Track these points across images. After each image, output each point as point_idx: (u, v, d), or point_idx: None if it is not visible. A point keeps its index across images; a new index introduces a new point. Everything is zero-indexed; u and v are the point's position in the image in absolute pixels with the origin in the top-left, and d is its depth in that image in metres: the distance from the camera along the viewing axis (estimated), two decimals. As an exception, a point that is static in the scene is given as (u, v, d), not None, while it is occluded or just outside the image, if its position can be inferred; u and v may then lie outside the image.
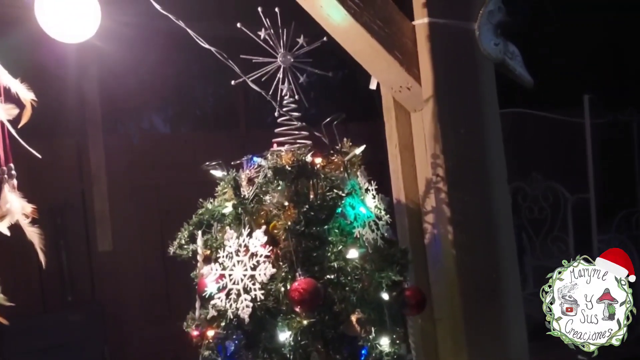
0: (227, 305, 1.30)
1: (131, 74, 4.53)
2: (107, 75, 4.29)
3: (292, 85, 1.47)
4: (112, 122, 4.73)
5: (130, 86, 4.63)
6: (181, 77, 4.87)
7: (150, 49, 4.27)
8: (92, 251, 4.24)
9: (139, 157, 4.50)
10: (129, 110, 4.99)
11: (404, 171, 1.85)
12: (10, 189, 1.13)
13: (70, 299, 4.04)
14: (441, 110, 1.69)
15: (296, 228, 1.32)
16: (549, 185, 5.16)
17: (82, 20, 1.23)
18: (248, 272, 1.29)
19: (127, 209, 4.39)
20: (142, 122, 5.30)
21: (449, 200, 1.69)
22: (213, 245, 1.43)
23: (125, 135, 4.85)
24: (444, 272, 1.74)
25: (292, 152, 1.39)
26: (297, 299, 1.24)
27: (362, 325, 1.29)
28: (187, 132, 5.32)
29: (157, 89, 4.86)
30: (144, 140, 4.71)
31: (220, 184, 1.50)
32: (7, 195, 1.13)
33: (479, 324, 1.72)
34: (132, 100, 4.79)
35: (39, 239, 1.18)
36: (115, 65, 4.32)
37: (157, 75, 4.66)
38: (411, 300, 1.47)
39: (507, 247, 1.76)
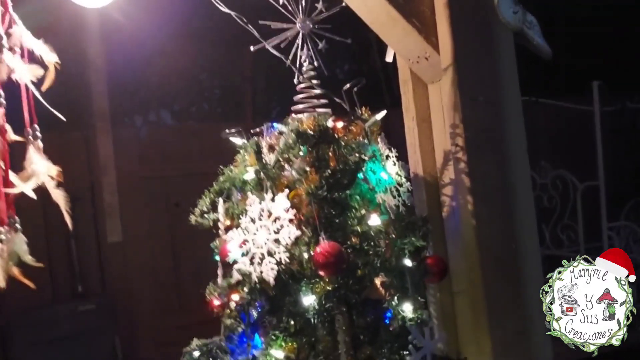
0: (251, 269, 1.29)
1: (139, 66, 4.54)
2: (115, 68, 4.29)
3: (311, 52, 1.46)
4: (120, 115, 4.75)
5: (137, 79, 4.64)
6: (188, 70, 4.87)
7: (158, 42, 4.27)
8: (102, 242, 4.25)
9: (147, 149, 4.52)
10: (137, 103, 5.01)
11: (421, 144, 1.84)
12: (36, 150, 1.12)
13: (80, 289, 4.05)
14: (460, 79, 1.68)
15: (318, 193, 1.31)
16: (558, 174, 5.14)
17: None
18: (272, 236, 1.28)
19: (136, 200, 4.40)
20: (150, 114, 5.31)
21: (469, 170, 1.67)
22: (234, 212, 1.42)
23: (133, 128, 4.86)
24: (463, 244, 1.73)
25: (313, 118, 1.38)
26: (321, 262, 1.23)
27: (386, 288, 1.28)
28: (194, 124, 5.33)
29: (165, 81, 4.87)
30: (151, 133, 4.72)
31: (240, 152, 1.49)
32: (33, 156, 1.12)
33: (499, 296, 1.70)
34: (140, 93, 4.80)
35: (64, 202, 1.17)
36: (122, 58, 4.32)
37: (164, 68, 4.67)
38: (433, 268, 1.46)
39: (526, 217, 1.75)
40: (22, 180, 1.14)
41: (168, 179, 4.58)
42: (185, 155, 4.61)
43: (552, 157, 5.21)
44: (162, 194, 4.55)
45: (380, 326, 1.31)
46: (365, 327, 1.29)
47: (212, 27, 4.25)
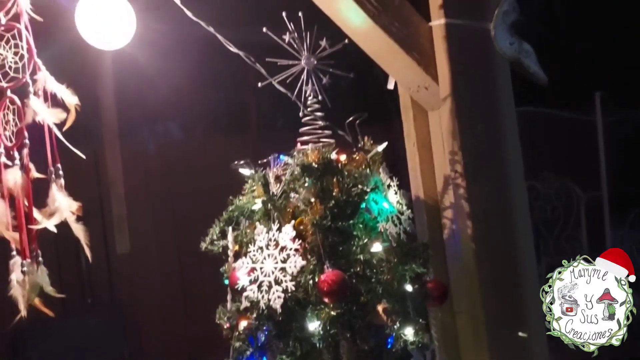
0: (259, 296, 1.36)
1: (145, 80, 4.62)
2: (122, 82, 4.38)
3: (316, 87, 1.53)
4: (128, 129, 4.82)
5: (144, 93, 4.72)
6: (194, 84, 4.95)
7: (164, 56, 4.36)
8: (110, 254, 4.32)
9: (154, 163, 4.60)
10: (145, 117, 5.09)
11: (422, 169, 1.90)
12: (58, 188, 1.20)
13: (89, 301, 4.13)
14: (459, 108, 1.74)
15: (323, 223, 1.38)
16: (562, 184, 5.17)
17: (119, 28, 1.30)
18: (279, 265, 1.35)
19: (143, 212, 4.47)
20: (157, 128, 5.38)
21: (468, 195, 1.74)
22: (243, 240, 1.49)
23: (141, 141, 4.93)
24: (463, 266, 1.79)
25: (317, 150, 1.45)
26: (326, 290, 1.30)
27: (388, 314, 1.34)
28: (201, 137, 5.41)
29: (171, 95, 4.95)
30: (159, 146, 4.80)
31: (248, 182, 1.56)
32: (55, 194, 1.20)
33: (499, 317, 1.76)
34: (147, 106, 4.89)
35: (84, 235, 1.25)
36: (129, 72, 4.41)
37: (170, 81, 4.75)
38: (434, 292, 1.53)
39: (524, 241, 1.81)
40: (44, 216, 1.21)
41: (175, 191, 4.66)
42: (191, 169, 4.68)
43: (555, 167, 5.26)
44: (169, 204, 4.63)
45: (383, 351, 1.37)
46: (369, 352, 1.36)
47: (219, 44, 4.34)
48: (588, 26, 5.60)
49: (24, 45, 1.18)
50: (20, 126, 1.18)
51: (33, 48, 1.19)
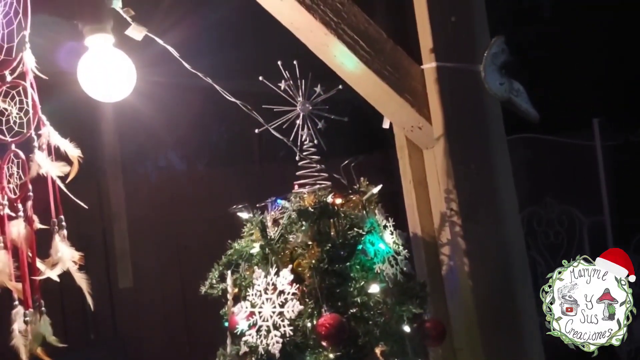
0: (257, 341, 1.38)
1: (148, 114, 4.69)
2: (124, 115, 4.45)
3: (311, 131, 1.57)
4: (131, 161, 4.88)
5: (147, 126, 4.79)
6: (196, 115, 5.03)
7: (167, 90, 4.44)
8: (113, 288, 4.33)
9: (157, 195, 4.63)
10: (147, 149, 5.15)
11: (419, 206, 1.94)
12: (61, 239, 1.23)
13: (92, 336, 4.12)
14: (452, 148, 1.78)
15: (320, 266, 1.40)
16: (564, 209, 5.18)
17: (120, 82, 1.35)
18: (277, 309, 1.37)
19: (146, 245, 4.49)
20: (159, 160, 5.45)
21: (464, 233, 1.76)
22: (242, 284, 1.51)
23: (144, 174, 4.99)
24: (461, 303, 1.80)
25: (314, 194, 1.48)
26: (323, 333, 1.31)
27: (386, 357, 1.35)
28: (203, 169, 5.46)
29: (173, 127, 5.02)
30: (161, 178, 4.85)
31: (246, 225, 1.59)
32: (58, 244, 1.23)
33: (499, 354, 1.77)
34: (149, 139, 4.95)
35: (86, 284, 1.27)
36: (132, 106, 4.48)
37: (172, 113, 4.82)
38: (432, 332, 1.54)
39: (521, 276, 1.82)
40: (47, 266, 1.24)
41: (178, 223, 4.68)
42: (194, 200, 4.72)
43: (557, 193, 5.27)
44: (172, 238, 4.64)
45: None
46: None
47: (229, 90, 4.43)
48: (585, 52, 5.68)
49: (29, 101, 1.23)
50: (25, 180, 1.22)
51: (37, 104, 1.23)
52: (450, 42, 1.77)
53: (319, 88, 1.56)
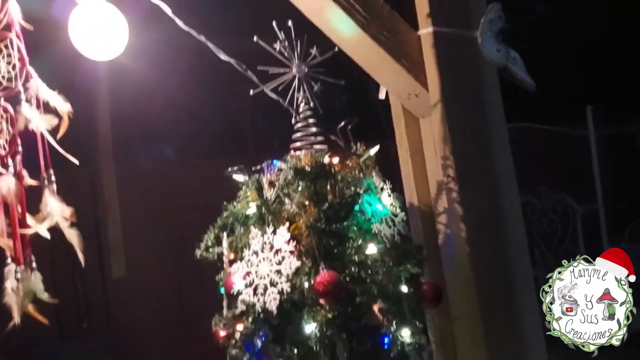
0: (254, 299, 1.36)
1: (141, 102, 4.66)
2: (118, 105, 4.41)
3: (307, 94, 1.56)
4: (123, 151, 4.84)
5: (140, 115, 4.75)
6: (189, 105, 4.99)
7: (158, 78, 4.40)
8: (107, 278, 4.29)
9: (150, 185, 4.59)
10: (140, 139, 5.11)
11: (415, 175, 1.92)
12: (51, 194, 1.21)
13: (85, 326, 4.08)
14: (448, 115, 1.77)
15: (317, 225, 1.38)
16: (558, 198, 5.19)
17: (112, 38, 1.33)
18: (274, 267, 1.35)
19: (140, 235, 4.45)
20: (152, 150, 5.41)
21: (460, 200, 1.75)
22: (238, 246, 1.50)
23: (137, 164, 4.94)
24: (458, 270, 1.79)
25: (310, 155, 1.47)
26: (321, 291, 1.30)
27: (384, 314, 1.34)
28: (197, 159, 5.43)
29: (166, 117, 4.98)
30: (154, 168, 4.81)
31: (242, 188, 1.57)
32: (48, 199, 1.21)
33: (496, 321, 1.76)
34: (142, 128, 4.91)
35: (78, 240, 1.25)
36: (125, 94, 4.45)
37: (166, 103, 4.79)
38: (429, 294, 1.53)
39: (518, 243, 1.82)
40: (37, 221, 1.22)
41: (171, 213, 4.65)
42: (187, 190, 4.68)
43: (551, 182, 5.28)
44: (166, 228, 4.60)
45: (380, 352, 1.37)
46: (365, 353, 1.35)
47: (214, 64, 4.40)
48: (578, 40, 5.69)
49: (16, 54, 1.20)
50: (13, 133, 1.20)
51: (25, 57, 1.21)
52: (446, 8, 1.76)
53: (315, 50, 1.55)
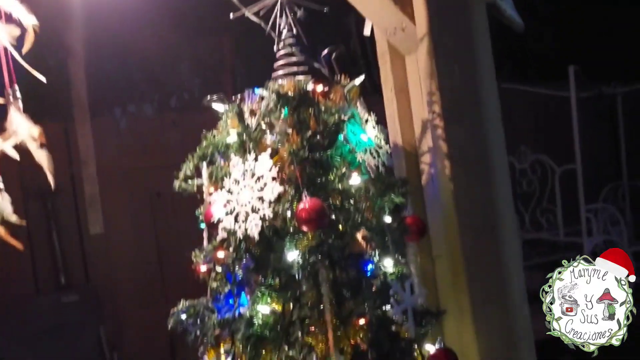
0: (236, 227, 1.32)
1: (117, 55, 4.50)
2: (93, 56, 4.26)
3: (290, 20, 1.49)
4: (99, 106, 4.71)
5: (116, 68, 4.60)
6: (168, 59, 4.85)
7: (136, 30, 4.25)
8: (84, 234, 4.23)
9: (127, 140, 4.49)
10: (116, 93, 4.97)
11: (400, 114, 1.89)
12: (16, 110, 1.14)
13: (63, 281, 4.03)
14: (436, 49, 1.73)
15: (300, 153, 1.34)
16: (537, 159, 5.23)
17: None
18: (255, 194, 1.31)
19: (117, 192, 4.37)
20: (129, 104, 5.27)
21: (446, 136, 1.73)
22: (218, 175, 1.45)
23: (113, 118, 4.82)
24: (441, 209, 1.78)
25: (293, 82, 1.41)
26: (304, 218, 1.27)
27: (368, 241, 1.32)
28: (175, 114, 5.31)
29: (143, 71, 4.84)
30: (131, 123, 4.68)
31: (222, 118, 1.52)
32: (14, 116, 1.13)
33: (477, 258, 1.76)
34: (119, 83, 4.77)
35: (48, 162, 1.19)
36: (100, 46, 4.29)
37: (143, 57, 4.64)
38: (412, 227, 1.51)
39: (502, 182, 1.81)
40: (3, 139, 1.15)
41: (149, 170, 4.56)
42: (165, 146, 4.59)
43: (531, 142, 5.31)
44: (144, 185, 4.53)
45: (363, 280, 1.35)
46: (348, 282, 1.34)
47: (192, 15, 4.25)
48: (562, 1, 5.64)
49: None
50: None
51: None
52: None
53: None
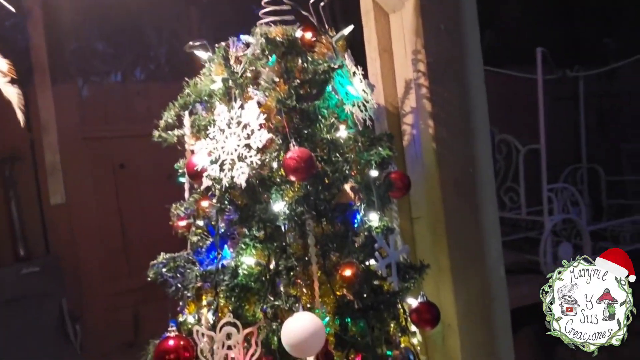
0: (221, 175, 1.28)
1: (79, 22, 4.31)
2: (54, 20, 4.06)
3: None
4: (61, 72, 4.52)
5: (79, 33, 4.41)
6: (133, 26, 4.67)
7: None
8: (44, 204, 4.08)
9: (90, 108, 4.34)
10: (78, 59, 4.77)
11: (383, 74, 1.87)
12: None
13: (22, 253, 3.89)
14: (422, 7, 1.71)
15: (287, 102, 1.30)
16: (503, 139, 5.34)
17: None
18: (242, 142, 1.27)
19: (79, 161, 4.23)
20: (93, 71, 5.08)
21: (430, 95, 1.72)
22: (201, 125, 1.40)
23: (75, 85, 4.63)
24: (423, 168, 1.78)
25: (281, 28, 1.37)
26: (292, 166, 1.24)
27: (355, 192, 1.30)
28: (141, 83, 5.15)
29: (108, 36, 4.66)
30: (95, 91, 4.52)
31: (205, 65, 1.46)
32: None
33: (457, 218, 1.78)
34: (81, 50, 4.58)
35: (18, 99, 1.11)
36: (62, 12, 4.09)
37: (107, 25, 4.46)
38: (397, 182, 1.50)
39: (483, 143, 1.82)
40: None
41: (113, 140, 4.43)
42: (130, 116, 4.46)
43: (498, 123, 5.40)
44: (107, 155, 4.40)
45: (349, 231, 1.34)
46: (334, 233, 1.32)
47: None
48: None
49: None
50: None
51: None
52: None
53: None
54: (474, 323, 1.73)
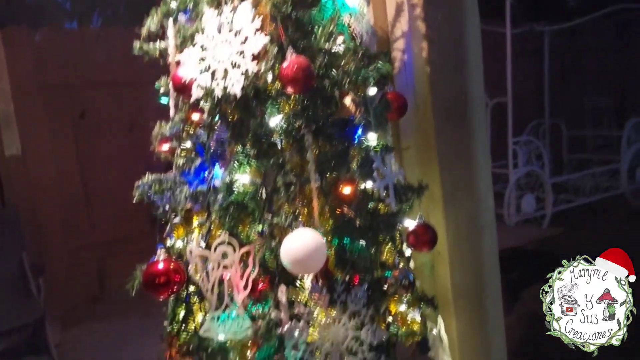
0: (213, 84, 1.18)
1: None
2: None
3: None
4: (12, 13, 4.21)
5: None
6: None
7: None
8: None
9: (45, 54, 4.08)
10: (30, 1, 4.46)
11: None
12: None
13: (-23, 205, 3.69)
14: None
15: (283, 9, 1.20)
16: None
17: None
18: (236, 49, 1.17)
19: (35, 110, 4.00)
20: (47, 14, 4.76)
21: (424, 16, 1.64)
22: (187, 34, 1.28)
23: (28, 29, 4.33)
24: (415, 94, 1.72)
25: None
26: (290, 76, 1.15)
27: (356, 105, 1.23)
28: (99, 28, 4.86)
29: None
30: (50, 36, 4.23)
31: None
32: None
33: (449, 145, 1.74)
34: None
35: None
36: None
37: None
38: (394, 103, 1.44)
39: (475, 69, 1.77)
40: None
41: (71, 88, 4.19)
42: (89, 63, 4.21)
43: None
44: (66, 104, 4.17)
45: (349, 146, 1.27)
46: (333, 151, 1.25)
47: None
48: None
49: None
50: None
51: None
52: None
53: None
54: (463, 250, 1.72)
